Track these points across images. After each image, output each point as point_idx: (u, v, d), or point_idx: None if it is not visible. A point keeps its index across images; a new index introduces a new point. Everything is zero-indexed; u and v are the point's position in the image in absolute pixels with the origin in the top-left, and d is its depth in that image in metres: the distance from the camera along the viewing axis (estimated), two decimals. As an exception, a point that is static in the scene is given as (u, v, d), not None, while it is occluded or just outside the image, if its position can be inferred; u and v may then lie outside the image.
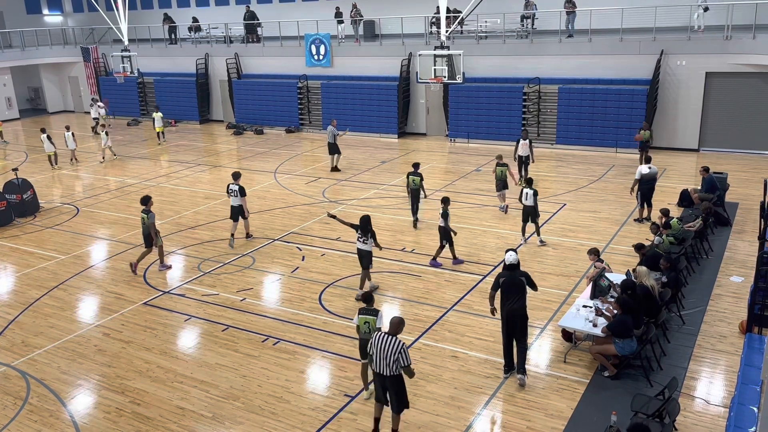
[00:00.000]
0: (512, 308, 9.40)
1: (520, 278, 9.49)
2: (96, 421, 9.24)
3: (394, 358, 7.95)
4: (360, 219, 12.37)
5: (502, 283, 9.51)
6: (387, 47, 28.39)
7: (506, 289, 9.48)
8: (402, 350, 7.96)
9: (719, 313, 11.54)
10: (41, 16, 41.87)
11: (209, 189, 21.03)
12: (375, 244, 12.45)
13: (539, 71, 24.97)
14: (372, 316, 9.01)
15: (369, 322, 9.00)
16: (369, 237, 12.26)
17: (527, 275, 9.60)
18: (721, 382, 9.54)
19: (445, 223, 13.70)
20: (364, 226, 12.22)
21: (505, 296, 9.49)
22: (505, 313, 9.52)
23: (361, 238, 12.29)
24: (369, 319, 9.02)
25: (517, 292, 9.42)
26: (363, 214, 12.56)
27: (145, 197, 14.31)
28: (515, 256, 9.57)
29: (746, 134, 22.36)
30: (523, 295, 9.44)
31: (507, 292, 9.48)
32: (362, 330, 9.08)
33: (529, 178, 15.09)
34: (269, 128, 31.26)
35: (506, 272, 9.55)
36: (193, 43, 34.71)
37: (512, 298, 9.42)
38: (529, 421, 8.79)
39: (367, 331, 9.00)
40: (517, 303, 9.42)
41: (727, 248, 14.45)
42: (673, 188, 18.23)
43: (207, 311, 12.41)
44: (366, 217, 12.33)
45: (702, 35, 22.49)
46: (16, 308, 12.96)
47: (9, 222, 18.17)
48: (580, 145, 24.08)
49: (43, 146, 24.38)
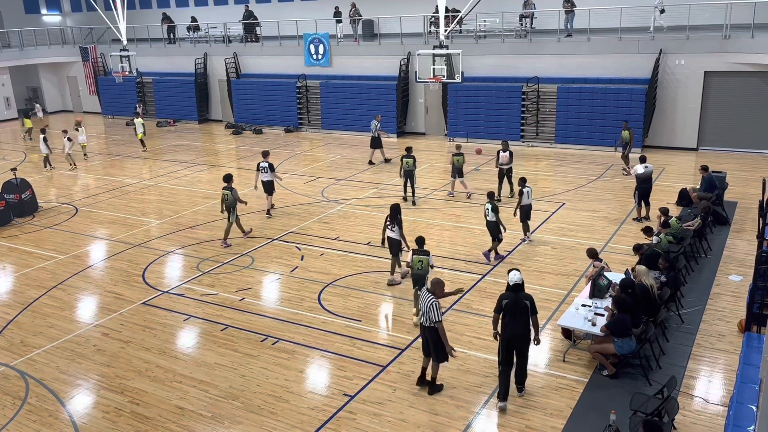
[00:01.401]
0: (515, 333, 8.89)
1: (524, 301, 8.92)
2: (95, 420, 9.24)
3: (427, 314, 9.07)
4: (390, 207, 12.95)
5: (506, 305, 8.93)
6: (386, 47, 28.39)
7: (510, 311, 8.91)
8: (432, 307, 9.04)
9: (718, 312, 11.55)
10: (40, 16, 41.83)
11: (208, 189, 21.02)
12: (401, 236, 12.78)
13: (538, 70, 24.97)
14: (425, 255, 11.22)
15: (422, 260, 11.21)
16: (396, 225, 12.68)
17: (531, 298, 9.00)
18: (719, 381, 9.55)
19: (496, 217, 13.76)
20: (393, 214, 12.72)
21: (508, 319, 8.91)
22: (506, 337, 8.95)
23: (390, 226, 12.77)
24: (422, 258, 11.22)
25: (521, 316, 8.90)
26: (393, 203, 13.17)
27: (228, 175, 15.73)
28: (519, 276, 9.01)
29: (745, 133, 22.37)
30: (527, 319, 8.92)
31: (510, 315, 8.90)
32: (415, 267, 11.29)
33: (522, 177, 15.10)
34: (268, 128, 31.25)
35: (510, 293, 8.99)
36: (191, 43, 34.70)
37: (515, 322, 8.88)
38: (528, 420, 8.80)
39: (419, 267, 11.21)
40: (520, 328, 8.90)
41: (725, 247, 14.46)
42: (672, 187, 18.24)
43: (206, 311, 12.40)
44: (395, 206, 12.87)
45: (700, 34, 22.49)
46: (15, 308, 12.95)
47: (8, 222, 18.15)
48: (578, 145, 24.09)
49: (40, 147, 24.34)
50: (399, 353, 10.59)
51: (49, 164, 24.41)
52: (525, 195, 14.71)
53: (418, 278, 11.28)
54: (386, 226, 12.90)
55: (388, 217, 12.85)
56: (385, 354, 10.58)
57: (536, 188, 19.42)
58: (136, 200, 20.11)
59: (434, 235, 15.80)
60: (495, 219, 13.72)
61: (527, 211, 14.82)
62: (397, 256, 12.98)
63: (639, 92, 22.76)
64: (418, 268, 11.26)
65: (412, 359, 10.38)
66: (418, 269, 11.24)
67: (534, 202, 17.91)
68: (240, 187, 20.92)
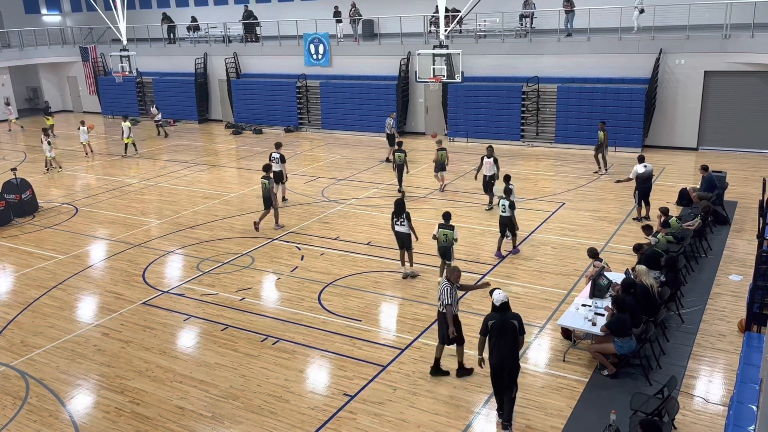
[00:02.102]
0: (503, 356, 8.31)
1: (511, 321, 8.33)
2: (95, 420, 9.24)
3: (440, 298, 9.43)
4: (395, 202, 13.20)
5: (491, 326, 8.35)
6: (386, 46, 28.39)
7: (496, 333, 8.32)
8: (443, 291, 9.40)
9: (718, 311, 11.55)
10: (40, 16, 41.83)
11: (208, 189, 21.03)
12: (410, 227, 13.00)
13: (538, 70, 24.97)
14: (449, 229, 12.26)
15: (447, 234, 12.27)
16: (404, 218, 12.93)
17: (519, 318, 8.44)
18: (720, 381, 9.55)
19: (512, 213, 14.00)
20: (399, 209, 12.94)
21: (495, 342, 8.33)
22: (494, 362, 8.39)
23: (398, 221, 12.98)
24: (447, 231, 12.28)
25: (510, 337, 8.30)
26: (396, 198, 13.44)
27: (267, 165, 16.70)
28: (504, 295, 8.46)
29: (745, 133, 22.37)
30: (515, 341, 8.35)
31: (497, 337, 8.32)
32: (441, 240, 12.35)
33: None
34: (268, 128, 31.25)
35: (495, 314, 8.40)
36: (191, 43, 34.69)
37: (503, 344, 8.29)
38: (529, 420, 8.80)
39: (444, 240, 12.33)
40: (508, 350, 8.29)
41: (726, 247, 14.46)
42: (672, 187, 18.24)
43: (206, 311, 12.40)
44: (400, 201, 13.18)
45: (700, 34, 22.50)
46: (15, 308, 12.95)
47: (8, 222, 18.15)
48: (579, 144, 24.08)
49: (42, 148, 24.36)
50: (399, 353, 10.59)
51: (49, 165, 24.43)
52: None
53: (445, 250, 12.45)
54: (393, 222, 13.09)
55: (393, 213, 13.06)
56: (385, 354, 10.59)
57: (536, 188, 19.49)
58: (136, 200, 20.11)
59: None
60: (510, 215, 13.96)
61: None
62: (409, 248, 13.22)
63: (639, 92, 22.76)
64: (443, 241, 12.31)
65: (412, 359, 10.38)
66: (444, 242, 12.31)
67: (534, 201, 18.03)
68: (241, 187, 21.00)
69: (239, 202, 19.30)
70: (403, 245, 13.25)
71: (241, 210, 18.52)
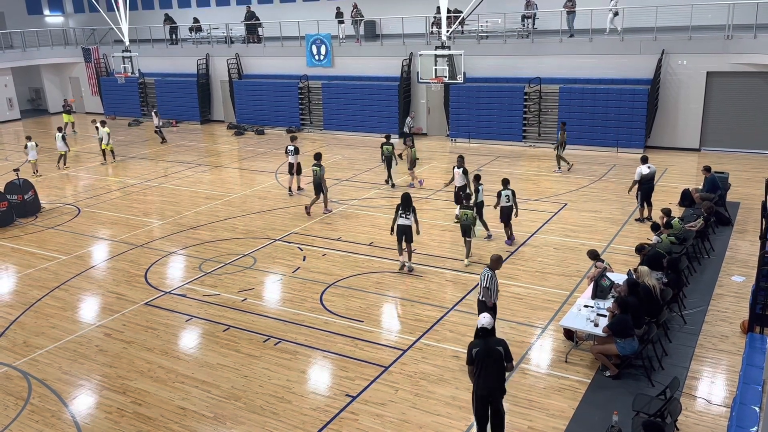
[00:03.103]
0: (489, 386, 7.80)
1: (497, 348, 7.75)
2: (97, 421, 9.25)
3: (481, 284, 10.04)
4: (402, 196, 13.68)
5: (476, 354, 7.73)
6: (388, 47, 28.40)
7: (481, 362, 7.72)
8: (485, 277, 9.99)
9: (721, 312, 11.53)
10: (42, 17, 41.92)
11: (210, 189, 21.04)
12: (414, 220, 13.55)
13: (540, 71, 24.96)
14: (470, 210, 13.82)
15: (467, 213, 13.73)
16: (411, 212, 13.53)
17: (505, 344, 7.85)
18: (722, 382, 9.53)
19: (514, 202, 14.78)
20: (406, 203, 13.51)
21: (480, 371, 7.76)
22: (480, 393, 7.85)
23: (403, 214, 13.48)
24: (467, 212, 13.77)
25: (494, 366, 7.76)
26: (404, 192, 13.90)
27: (318, 154, 17.76)
28: (489, 319, 7.87)
29: (747, 134, 22.34)
30: (502, 369, 7.82)
31: (482, 366, 7.73)
32: (462, 219, 13.77)
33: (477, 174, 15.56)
34: (270, 128, 31.27)
35: (479, 341, 7.82)
36: (193, 44, 34.74)
37: (489, 374, 7.75)
38: (531, 421, 8.79)
39: (465, 219, 13.71)
40: (495, 380, 7.79)
41: (728, 248, 14.43)
42: (675, 188, 18.22)
43: (208, 311, 12.41)
44: (407, 195, 13.69)
45: (702, 34, 22.47)
46: (17, 308, 12.97)
47: (10, 222, 18.18)
48: (581, 145, 24.05)
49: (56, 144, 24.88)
50: (401, 354, 10.58)
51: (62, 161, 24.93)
52: (480, 192, 15.31)
53: (466, 228, 13.85)
54: (398, 215, 13.50)
55: (399, 206, 13.52)
56: (387, 354, 10.58)
57: (538, 189, 19.48)
58: (139, 201, 20.13)
59: (436, 235, 15.81)
60: (513, 203, 14.73)
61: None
62: (410, 240, 13.59)
63: (641, 93, 22.74)
64: (464, 220, 13.77)
65: (414, 360, 10.38)
66: (465, 221, 13.76)
67: (536, 202, 18.02)
68: (243, 188, 21.02)
69: (241, 203, 19.31)
70: (404, 237, 13.58)
71: (243, 211, 18.53)
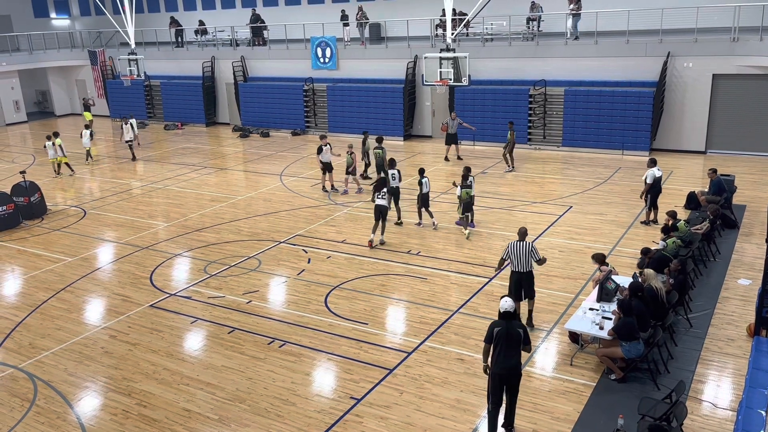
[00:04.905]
0: (507, 366, 8.12)
1: (517, 330, 8.12)
2: (103, 422, 9.26)
3: (528, 256, 10.75)
4: (378, 179, 15.72)
5: (497, 334, 8.08)
6: (393, 50, 28.42)
7: (501, 342, 8.07)
8: (533, 248, 10.83)
9: (727, 316, 11.48)
10: (49, 20, 42.11)
11: (215, 191, 21.08)
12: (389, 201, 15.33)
13: (545, 73, 24.93)
14: (470, 188, 15.18)
15: (468, 191, 15.14)
16: (385, 193, 15.13)
17: (525, 328, 8.30)
18: (728, 386, 9.49)
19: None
20: (380, 184, 15.30)
21: (500, 351, 8.10)
22: (498, 371, 8.14)
23: (378, 194, 15.13)
24: (467, 189, 15.14)
25: (515, 346, 8.11)
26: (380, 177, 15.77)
27: (380, 137, 20.13)
28: (511, 303, 8.21)
29: (754, 136, 22.26)
30: (519, 351, 8.18)
31: (502, 346, 8.08)
32: (463, 197, 15.23)
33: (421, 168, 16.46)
34: (275, 131, 31.32)
35: (501, 321, 8.17)
36: (199, 46, 34.85)
37: (509, 352, 8.09)
38: (536, 424, 8.76)
39: (467, 197, 15.21)
40: (513, 359, 8.13)
41: (734, 251, 14.38)
42: (680, 190, 18.16)
43: (213, 313, 12.43)
44: (383, 179, 15.60)
45: (708, 37, 22.42)
46: (23, 310, 13.02)
47: (17, 224, 18.25)
48: (586, 148, 24.03)
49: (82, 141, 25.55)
50: (406, 356, 10.57)
51: (90, 157, 25.47)
52: (423, 185, 16.05)
53: (467, 205, 15.33)
54: (375, 196, 15.20)
55: (374, 188, 15.33)
56: (391, 357, 10.58)
57: (543, 191, 19.46)
58: (144, 203, 20.19)
59: (440, 238, 15.80)
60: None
61: (426, 199, 16.22)
62: (384, 219, 15.17)
63: (647, 95, 22.69)
64: (465, 198, 15.17)
65: (418, 362, 10.36)
66: (466, 198, 15.19)
67: (541, 205, 17.99)
68: (246, 190, 21.05)
69: (246, 205, 19.35)
70: (380, 216, 15.14)
71: (248, 213, 18.56)
